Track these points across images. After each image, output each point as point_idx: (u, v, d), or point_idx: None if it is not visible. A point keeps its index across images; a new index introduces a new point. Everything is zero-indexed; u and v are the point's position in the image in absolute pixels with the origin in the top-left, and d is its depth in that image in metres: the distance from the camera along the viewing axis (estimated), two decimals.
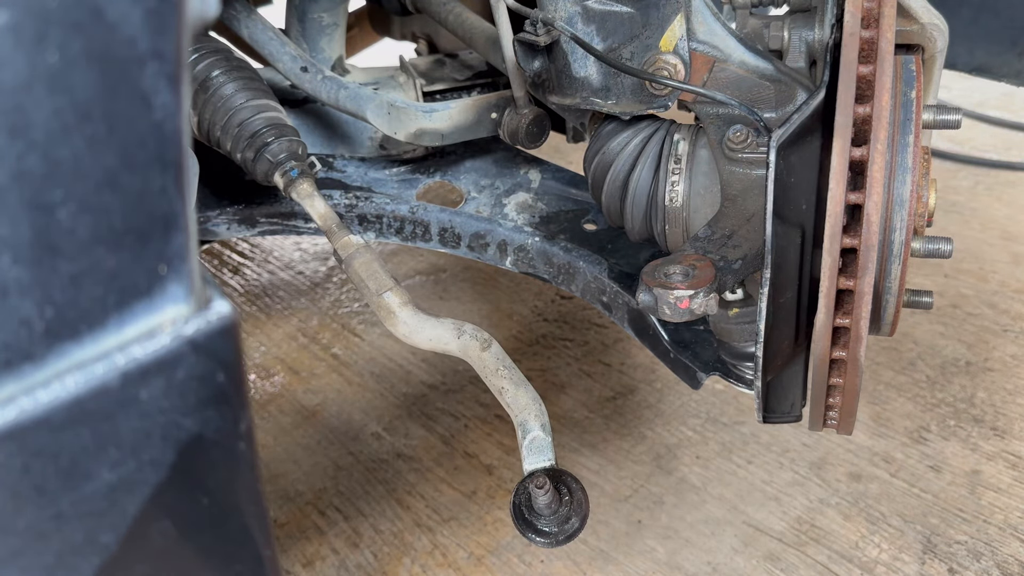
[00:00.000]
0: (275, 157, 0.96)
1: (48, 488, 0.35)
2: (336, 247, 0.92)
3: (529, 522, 0.77)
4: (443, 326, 0.85)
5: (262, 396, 1.50)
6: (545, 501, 0.75)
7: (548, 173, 1.15)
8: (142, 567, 0.41)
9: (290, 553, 1.18)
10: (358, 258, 0.89)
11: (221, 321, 0.37)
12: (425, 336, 0.85)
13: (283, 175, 0.96)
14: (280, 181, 0.97)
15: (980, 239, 1.80)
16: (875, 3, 0.64)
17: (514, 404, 0.80)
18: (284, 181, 0.96)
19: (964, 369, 1.43)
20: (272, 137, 0.96)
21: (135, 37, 0.32)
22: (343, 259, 0.90)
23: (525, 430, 0.79)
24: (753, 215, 0.76)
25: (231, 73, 0.98)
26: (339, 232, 0.92)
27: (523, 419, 0.79)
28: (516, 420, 0.80)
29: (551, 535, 0.76)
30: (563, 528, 0.77)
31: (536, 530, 0.77)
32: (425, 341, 0.85)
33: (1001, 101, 2.44)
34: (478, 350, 0.83)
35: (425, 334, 0.85)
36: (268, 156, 0.96)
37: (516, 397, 0.80)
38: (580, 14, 0.75)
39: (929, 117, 0.68)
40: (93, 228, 0.33)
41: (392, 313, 0.85)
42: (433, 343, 0.85)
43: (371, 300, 0.87)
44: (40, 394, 0.34)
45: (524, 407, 0.80)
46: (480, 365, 0.83)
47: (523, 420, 0.79)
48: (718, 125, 0.76)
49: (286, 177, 0.96)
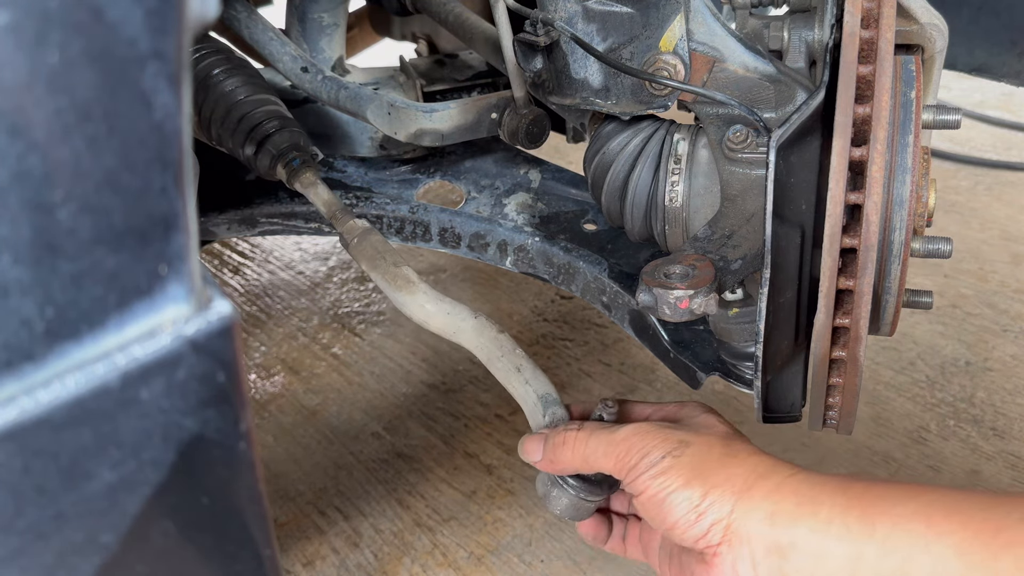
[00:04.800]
0: (277, 148, 0.96)
1: (48, 488, 0.35)
2: (342, 231, 0.91)
3: None
4: (459, 305, 0.84)
5: (262, 396, 1.50)
6: None
7: (548, 173, 1.15)
8: (142, 567, 0.41)
9: (290, 553, 1.18)
10: (370, 236, 0.88)
11: (221, 321, 0.37)
12: (443, 309, 0.84)
13: (285, 166, 0.96)
14: (283, 173, 0.97)
15: (980, 239, 1.80)
16: (875, 3, 0.64)
17: (534, 380, 0.81)
18: (287, 172, 0.96)
19: (964, 369, 1.43)
20: (273, 129, 0.96)
21: (136, 37, 0.32)
22: (350, 242, 0.89)
23: (547, 404, 0.79)
24: (753, 215, 0.76)
25: (231, 71, 0.98)
26: (344, 217, 0.92)
27: (544, 393, 0.80)
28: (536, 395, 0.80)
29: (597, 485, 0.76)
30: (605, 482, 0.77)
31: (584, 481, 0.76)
32: (442, 315, 0.84)
33: (1001, 101, 2.44)
34: (494, 332, 0.83)
35: (444, 307, 0.84)
36: (270, 148, 0.96)
37: (535, 375, 0.81)
38: (580, 14, 0.75)
39: (929, 117, 0.68)
40: (93, 228, 0.33)
41: (411, 283, 0.84)
42: (451, 317, 0.83)
43: (386, 273, 0.85)
44: (40, 394, 0.34)
45: (544, 384, 0.81)
46: (496, 345, 0.82)
47: (544, 394, 0.80)
48: (718, 125, 0.76)
49: (288, 168, 0.96)
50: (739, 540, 0.60)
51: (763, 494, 0.61)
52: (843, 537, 0.57)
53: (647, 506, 0.66)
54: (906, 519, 0.56)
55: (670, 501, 0.64)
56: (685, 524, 0.63)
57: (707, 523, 0.62)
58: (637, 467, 0.66)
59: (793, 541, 0.58)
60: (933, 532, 0.54)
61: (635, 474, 0.66)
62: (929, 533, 0.54)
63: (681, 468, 0.65)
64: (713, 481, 0.63)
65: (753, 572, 0.60)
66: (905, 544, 0.55)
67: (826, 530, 0.58)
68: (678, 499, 0.63)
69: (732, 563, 0.61)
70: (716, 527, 0.61)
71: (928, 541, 0.54)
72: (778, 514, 0.60)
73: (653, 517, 0.66)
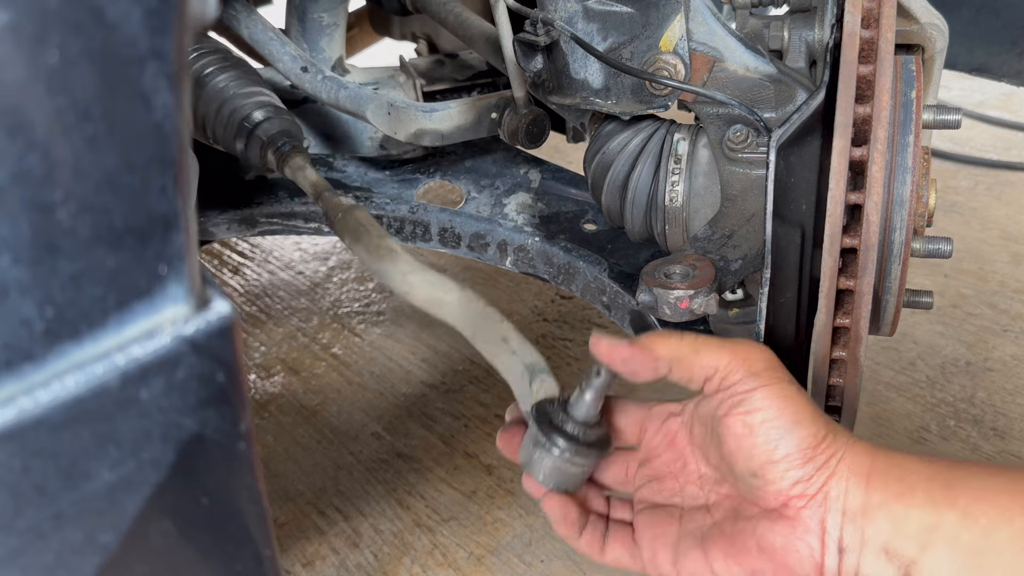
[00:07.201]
0: (266, 135, 0.96)
1: (48, 488, 0.35)
2: (327, 209, 0.89)
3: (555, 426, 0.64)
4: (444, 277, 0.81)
5: (262, 396, 1.50)
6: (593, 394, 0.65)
7: (548, 173, 1.15)
8: (142, 567, 0.41)
9: (290, 553, 1.18)
10: (355, 212, 0.86)
11: (221, 321, 0.37)
12: (427, 279, 0.79)
13: (275, 152, 0.96)
14: (273, 159, 0.96)
15: (980, 239, 1.80)
16: (875, 3, 0.64)
17: (522, 350, 0.74)
18: (276, 158, 0.96)
19: (964, 369, 1.43)
20: (262, 118, 0.97)
21: (135, 37, 0.32)
22: (335, 219, 0.88)
23: (535, 372, 0.72)
24: (753, 215, 0.76)
25: (225, 68, 0.99)
26: (330, 196, 0.90)
27: (532, 362, 0.73)
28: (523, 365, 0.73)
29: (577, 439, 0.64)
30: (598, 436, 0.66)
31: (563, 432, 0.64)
32: (426, 285, 0.79)
33: (1001, 101, 2.44)
34: (480, 304, 0.79)
35: (427, 276, 0.80)
36: (259, 135, 0.96)
37: (524, 345, 0.75)
38: (580, 14, 0.75)
39: (929, 117, 0.68)
40: (93, 228, 0.33)
41: (394, 252, 0.81)
42: (434, 288, 0.79)
43: (369, 245, 0.84)
44: (40, 394, 0.34)
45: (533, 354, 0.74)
46: (483, 316, 0.77)
47: (532, 363, 0.72)
48: (718, 125, 0.76)
49: (278, 154, 0.96)
50: (836, 494, 0.54)
51: (864, 450, 0.56)
52: (924, 505, 0.53)
53: (756, 428, 0.56)
54: (991, 492, 0.53)
55: (790, 430, 0.55)
56: (793, 461, 0.55)
57: (815, 466, 0.55)
58: (760, 375, 0.57)
59: (884, 501, 0.54)
60: (1019, 506, 0.51)
61: (755, 383, 0.56)
62: (1014, 506, 0.52)
63: (805, 399, 0.57)
64: (830, 426, 0.56)
65: (838, 532, 0.54)
66: (988, 516, 0.52)
67: (910, 495, 0.54)
68: (801, 431, 0.55)
69: (820, 519, 0.55)
70: (820, 474, 0.55)
71: (1013, 515, 0.51)
72: (875, 473, 0.55)
73: (755, 445, 0.56)
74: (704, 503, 0.63)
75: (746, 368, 0.57)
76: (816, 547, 0.55)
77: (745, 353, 0.58)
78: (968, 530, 0.52)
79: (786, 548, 0.55)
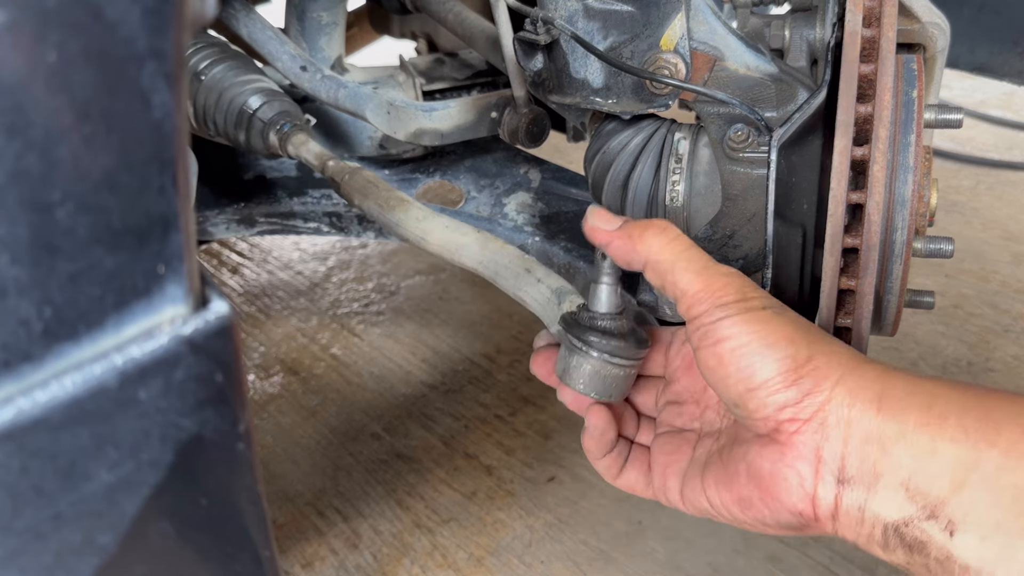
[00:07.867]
0: (266, 118, 0.97)
1: (46, 488, 0.35)
2: (333, 175, 0.90)
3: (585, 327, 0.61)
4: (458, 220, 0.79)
5: (261, 396, 1.50)
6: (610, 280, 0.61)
7: (548, 173, 1.15)
8: (141, 568, 0.40)
9: (289, 554, 1.18)
10: (361, 171, 0.87)
11: (220, 321, 0.37)
12: (442, 223, 0.78)
13: (276, 132, 0.96)
14: (275, 140, 0.97)
15: (981, 239, 1.80)
16: (876, 2, 0.64)
17: (547, 278, 0.73)
18: (278, 138, 0.96)
19: (965, 369, 1.43)
20: (261, 103, 0.97)
21: (134, 36, 0.32)
22: (341, 181, 0.88)
23: (562, 294, 0.70)
24: (754, 215, 0.76)
25: (222, 60, 0.99)
26: (335, 164, 0.91)
27: (559, 287, 0.72)
28: (550, 291, 0.72)
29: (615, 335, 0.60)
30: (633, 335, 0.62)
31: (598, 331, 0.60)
32: (442, 229, 0.78)
33: (1002, 100, 2.44)
34: (498, 243, 0.77)
35: (442, 220, 0.78)
36: (260, 118, 0.97)
37: (548, 274, 0.73)
38: (581, 12, 0.75)
39: (931, 116, 0.68)
40: (91, 228, 0.33)
41: (405, 201, 0.80)
42: (450, 231, 0.78)
43: (378, 198, 0.83)
44: (38, 394, 0.33)
45: (558, 280, 0.73)
46: (503, 253, 0.76)
47: (559, 287, 0.72)
48: (719, 124, 0.76)
49: (279, 134, 0.96)
50: (835, 421, 0.49)
51: (874, 374, 0.51)
52: (958, 439, 0.46)
53: (725, 357, 0.52)
54: None
55: (763, 354, 0.51)
56: (773, 386, 0.50)
57: (803, 390, 0.50)
58: (728, 306, 0.53)
59: (902, 432, 0.48)
60: None
61: (722, 313, 0.53)
62: None
63: (784, 322, 0.53)
64: (819, 347, 0.52)
65: (838, 463, 0.49)
66: None
67: (940, 426, 0.47)
68: (776, 353, 0.51)
69: (815, 447, 0.50)
70: (812, 398, 0.50)
71: None
72: (887, 399, 0.49)
73: (728, 375, 0.52)
74: (719, 428, 0.60)
75: (713, 299, 0.54)
76: (808, 476, 0.50)
77: (719, 283, 0.54)
78: (1012, 472, 0.45)
79: (773, 475, 0.51)
